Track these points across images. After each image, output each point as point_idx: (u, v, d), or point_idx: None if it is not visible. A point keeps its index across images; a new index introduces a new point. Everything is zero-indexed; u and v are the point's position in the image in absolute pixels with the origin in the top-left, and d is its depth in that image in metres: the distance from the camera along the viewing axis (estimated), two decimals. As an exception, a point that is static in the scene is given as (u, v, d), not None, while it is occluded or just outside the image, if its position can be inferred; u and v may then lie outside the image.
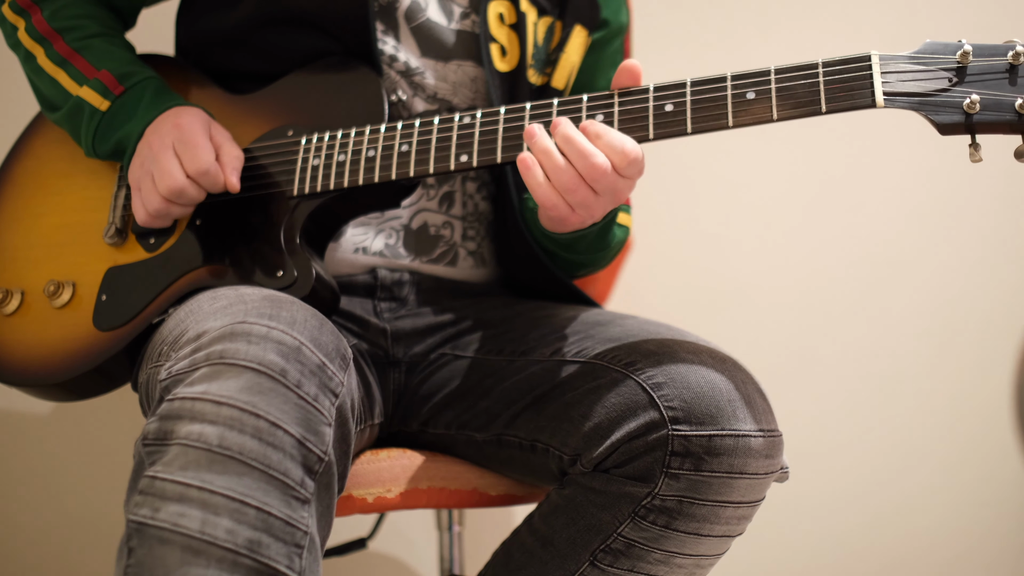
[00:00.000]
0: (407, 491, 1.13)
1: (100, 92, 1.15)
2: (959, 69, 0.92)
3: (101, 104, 1.14)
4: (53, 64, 1.18)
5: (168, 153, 1.08)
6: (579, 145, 0.97)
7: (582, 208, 1.00)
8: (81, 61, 1.17)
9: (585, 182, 0.98)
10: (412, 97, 1.20)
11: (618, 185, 0.99)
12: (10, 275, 1.20)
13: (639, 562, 1.01)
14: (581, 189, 0.98)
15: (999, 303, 1.90)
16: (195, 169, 1.08)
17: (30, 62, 1.20)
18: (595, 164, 0.97)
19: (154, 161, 1.09)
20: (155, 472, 0.83)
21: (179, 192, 1.08)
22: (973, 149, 0.92)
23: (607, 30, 1.30)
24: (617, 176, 0.98)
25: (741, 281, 1.88)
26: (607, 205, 1.01)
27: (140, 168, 1.11)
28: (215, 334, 0.88)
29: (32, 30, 1.19)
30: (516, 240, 1.22)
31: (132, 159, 1.13)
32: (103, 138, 1.15)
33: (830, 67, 0.94)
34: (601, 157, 0.97)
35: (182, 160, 1.08)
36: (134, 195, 1.12)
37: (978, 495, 1.90)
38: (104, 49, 1.18)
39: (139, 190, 1.11)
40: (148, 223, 1.11)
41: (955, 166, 1.87)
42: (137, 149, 1.12)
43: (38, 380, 1.14)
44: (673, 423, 0.97)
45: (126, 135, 1.14)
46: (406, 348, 1.20)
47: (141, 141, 1.12)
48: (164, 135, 1.10)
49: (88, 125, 1.15)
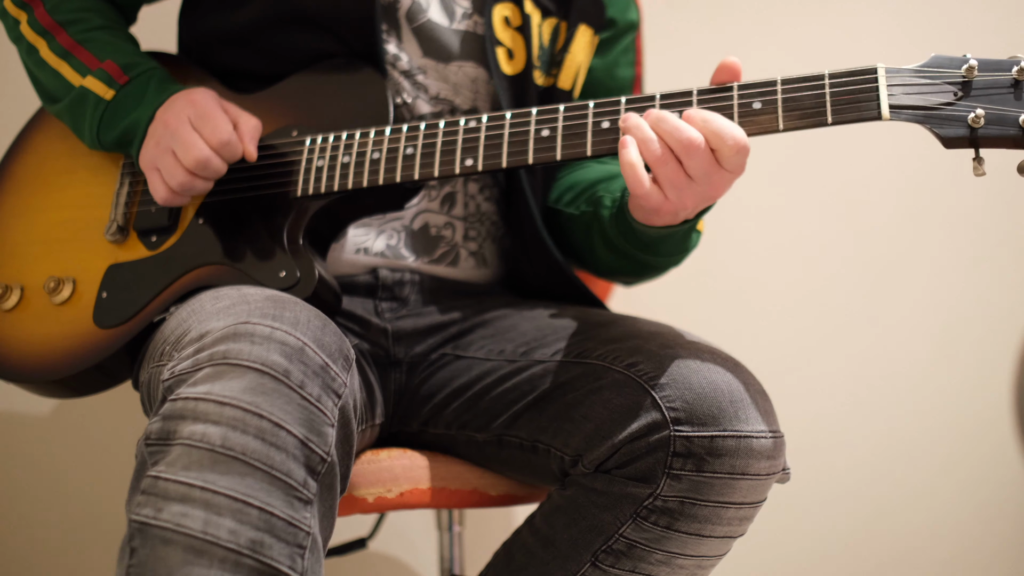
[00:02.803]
0: (407, 491, 1.13)
1: (105, 82, 1.14)
2: (964, 83, 0.92)
3: (106, 93, 1.14)
4: (56, 56, 1.17)
5: (187, 127, 1.08)
6: (671, 121, 0.95)
7: (673, 190, 0.97)
8: (84, 53, 1.16)
9: (676, 157, 0.95)
10: (415, 99, 1.20)
11: (713, 173, 0.96)
12: (10, 270, 1.20)
13: (640, 563, 1.01)
14: (671, 164, 0.95)
15: (999, 303, 1.90)
16: (217, 140, 1.07)
17: (32, 55, 1.19)
18: (687, 137, 0.94)
19: (173, 137, 1.08)
20: (158, 472, 0.83)
21: (205, 163, 1.07)
22: (977, 163, 0.92)
23: (614, 29, 1.30)
24: (713, 160, 0.95)
25: (742, 282, 1.88)
26: (700, 195, 0.98)
27: (156, 148, 1.10)
28: (218, 334, 0.88)
29: (35, 23, 1.19)
30: (531, 239, 1.21)
31: (143, 143, 1.12)
32: (108, 127, 1.14)
33: (836, 79, 0.95)
34: (694, 132, 0.95)
35: (202, 133, 1.07)
36: (151, 176, 1.11)
37: (978, 495, 1.90)
38: (107, 41, 1.18)
39: (157, 169, 1.10)
40: (170, 201, 1.10)
41: (955, 167, 1.87)
42: (149, 131, 1.11)
43: (37, 376, 1.14)
44: (675, 424, 0.97)
45: (134, 122, 1.13)
46: (407, 348, 1.20)
47: (153, 123, 1.11)
48: (179, 111, 1.09)
49: (92, 115, 1.15)
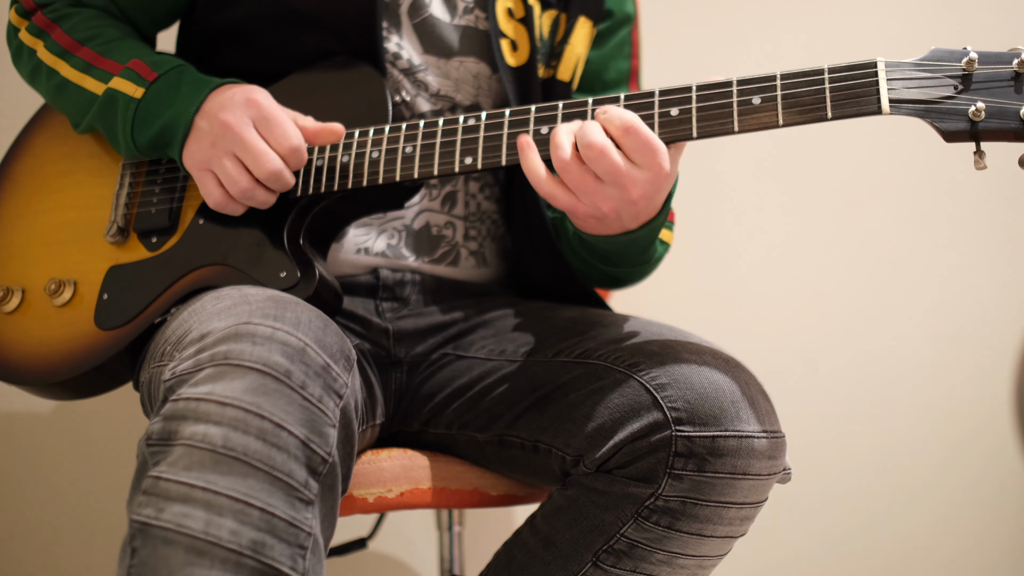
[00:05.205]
0: (408, 491, 1.13)
1: (133, 80, 1.10)
2: (964, 77, 0.92)
3: (136, 92, 1.10)
4: (78, 71, 1.14)
5: (251, 131, 1.04)
6: (575, 124, 0.96)
7: (586, 197, 0.97)
8: (107, 61, 1.13)
9: (581, 161, 0.95)
10: (415, 96, 1.20)
11: (622, 172, 0.95)
12: (10, 273, 1.19)
13: (642, 563, 1.01)
14: (574, 169, 0.95)
15: (999, 303, 1.90)
16: (287, 147, 1.04)
17: (53, 79, 1.16)
18: (589, 137, 0.94)
19: (236, 141, 1.04)
20: (159, 472, 0.83)
21: (278, 176, 1.04)
22: (978, 156, 0.92)
23: (612, 20, 1.30)
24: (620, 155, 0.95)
25: (742, 282, 1.88)
26: (618, 200, 0.97)
27: (212, 148, 1.05)
28: (219, 335, 0.87)
29: (53, 46, 1.16)
30: (538, 235, 1.21)
31: (188, 143, 1.07)
32: (143, 126, 1.10)
33: (836, 73, 0.94)
34: (596, 129, 0.95)
35: (270, 140, 1.05)
36: (203, 178, 1.06)
37: (978, 495, 1.90)
38: (130, 46, 1.15)
39: (211, 172, 1.06)
40: (223, 207, 1.07)
41: (955, 167, 1.87)
42: (198, 128, 1.06)
43: (39, 378, 1.14)
44: (676, 424, 0.97)
45: (172, 120, 1.08)
46: (408, 348, 1.20)
47: (201, 118, 1.06)
48: (239, 111, 1.05)
49: (124, 117, 1.10)
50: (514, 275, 1.30)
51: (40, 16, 1.18)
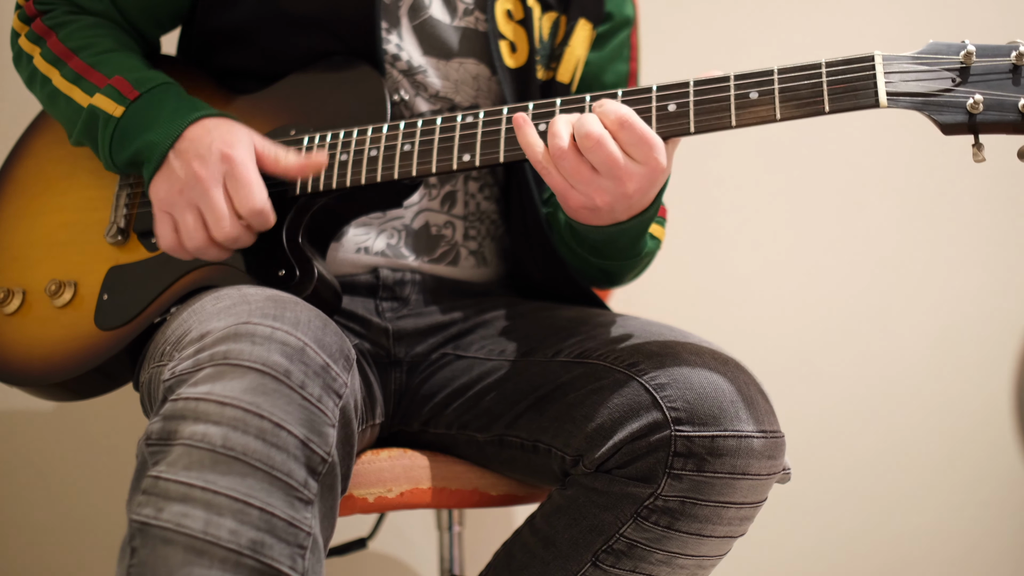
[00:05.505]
0: (408, 491, 1.13)
1: (114, 98, 1.10)
2: (962, 69, 0.91)
3: (115, 110, 1.09)
4: (67, 82, 1.13)
5: (219, 190, 1.03)
6: (572, 116, 0.96)
7: (581, 187, 0.97)
8: (94, 74, 1.12)
9: (578, 151, 0.96)
10: (414, 97, 1.20)
11: (619, 164, 0.95)
12: (11, 274, 1.20)
13: (641, 563, 1.01)
14: (570, 158, 0.96)
15: (999, 303, 1.90)
16: (248, 209, 1.02)
17: (46, 87, 1.16)
18: (587, 128, 0.95)
19: (203, 197, 1.03)
20: (159, 472, 0.83)
21: (234, 240, 1.04)
22: (976, 149, 0.92)
23: (611, 23, 1.31)
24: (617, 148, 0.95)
25: (742, 282, 1.88)
26: (612, 192, 0.97)
27: (178, 195, 1.04)
28: (219, 334, 0.88)
29: (48, 53, 1.16)
30: (535, 235, 1.21)
31: (158, 174, 1.06)
32: (120, 146, 1.09)
33: (833, 67, 0.94)
34: (594, 120, 0.95)
35: (234, 199, 1.03)
36: (161, 218, 1.06)
37: (978, 495, 1.90)
38: (118, 60, 1.14)
39: (170, 216, 1.05)
40: (175, 252, 1.07)
41: (955, 166, 1.87)
42: (170, 164, 1.05)
43: (39, 380, 1.14)
44: (676, 424, 0.97)
45: (147, 145, 1.07)
46: (408, 348, 1.20)
47: (176, 155, 1.05)
48: (213, 164, 1.03)
49: (103, 134, 1.10)
50: (514, 275, 1.30)
51: (39, 22, 1.18)
